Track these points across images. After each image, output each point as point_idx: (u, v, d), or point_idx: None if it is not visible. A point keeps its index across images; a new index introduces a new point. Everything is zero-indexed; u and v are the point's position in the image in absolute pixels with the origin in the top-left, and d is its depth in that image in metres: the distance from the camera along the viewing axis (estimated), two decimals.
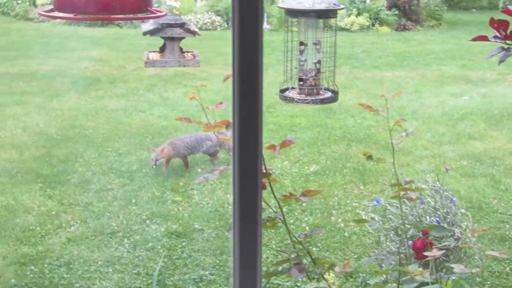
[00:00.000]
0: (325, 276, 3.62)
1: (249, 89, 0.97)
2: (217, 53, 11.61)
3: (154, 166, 6.39)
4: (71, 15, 2.10)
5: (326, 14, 4.25)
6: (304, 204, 5.61)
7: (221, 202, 5.85)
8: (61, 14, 2.18)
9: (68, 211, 5.69)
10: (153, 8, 2.22)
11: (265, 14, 13.86)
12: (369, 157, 3.45)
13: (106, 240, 5.22)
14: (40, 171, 6.51)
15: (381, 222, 4.17)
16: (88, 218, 5.56)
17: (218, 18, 14.94)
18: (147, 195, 6.00)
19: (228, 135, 3.61)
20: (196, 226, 5.44)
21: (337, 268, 3.28)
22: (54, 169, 6.55)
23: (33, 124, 7.94)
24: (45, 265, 4.82)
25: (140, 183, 6.30)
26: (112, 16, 2.20)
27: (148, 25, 6.21)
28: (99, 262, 4.87)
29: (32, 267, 4.79)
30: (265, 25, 14.11)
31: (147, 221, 5.51)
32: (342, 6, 4.45)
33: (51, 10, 2.21)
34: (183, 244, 5.16)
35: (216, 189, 6.08)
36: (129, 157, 6.85)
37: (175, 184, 6.23)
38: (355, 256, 4.96)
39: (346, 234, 5.31)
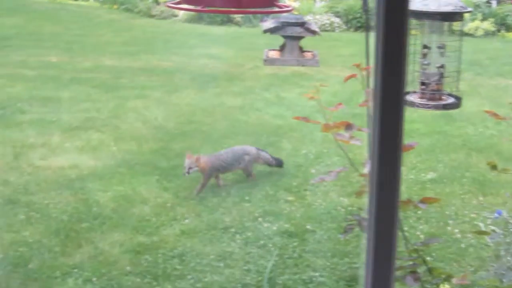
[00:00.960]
0: (440, 287, 3.50)
1: (392, 91, 0.93)
2: (335, 54, 11.53)
3: (186, 175, 6.01)
4: (198, 8, 2.12)
5: (452, 17, 4.11)
6: (419, 212, 5.46)
7: (334, 204, 5.78)
8: (188, 6, 2.20)
9: (183, 204, 5.79)
10: (280, 3, 2.20)
11: None
12: (493, 167, 3.32)
13: (219, 235, 5.28)
14: (158, 163, 6.67)
15: (502, 236, 3.99)
16: (202, 212, 5.64)
17: (337, 20, 14.85)
18: (261, 193, 6.02)
19: (346, 137, 3.54)
20: (308, 227, 5.40)
21: (454, 280, 3.17)
22: (170, 162, 6.69)
23: (152, 118, 8.15)
24: (159, 255, 4.93)
25: (253, 180, 6.33)
26: (240, 9, 2.19)
27: (269, 24, 6.25)
28: (211, 256, 4.93)
29: (147, 256, 4.91)
30: None
31: (260, 219, 5.52)
32: (469, 9, 4.29)
33: (179, 3, 2.23)
34: (295, 244, 5.13)
35: (330, 191, 6.02)
36: None
37: (288, 184, 6.22)
38: (471, 269, 4.77)
39: (462, 245, 5.11)
